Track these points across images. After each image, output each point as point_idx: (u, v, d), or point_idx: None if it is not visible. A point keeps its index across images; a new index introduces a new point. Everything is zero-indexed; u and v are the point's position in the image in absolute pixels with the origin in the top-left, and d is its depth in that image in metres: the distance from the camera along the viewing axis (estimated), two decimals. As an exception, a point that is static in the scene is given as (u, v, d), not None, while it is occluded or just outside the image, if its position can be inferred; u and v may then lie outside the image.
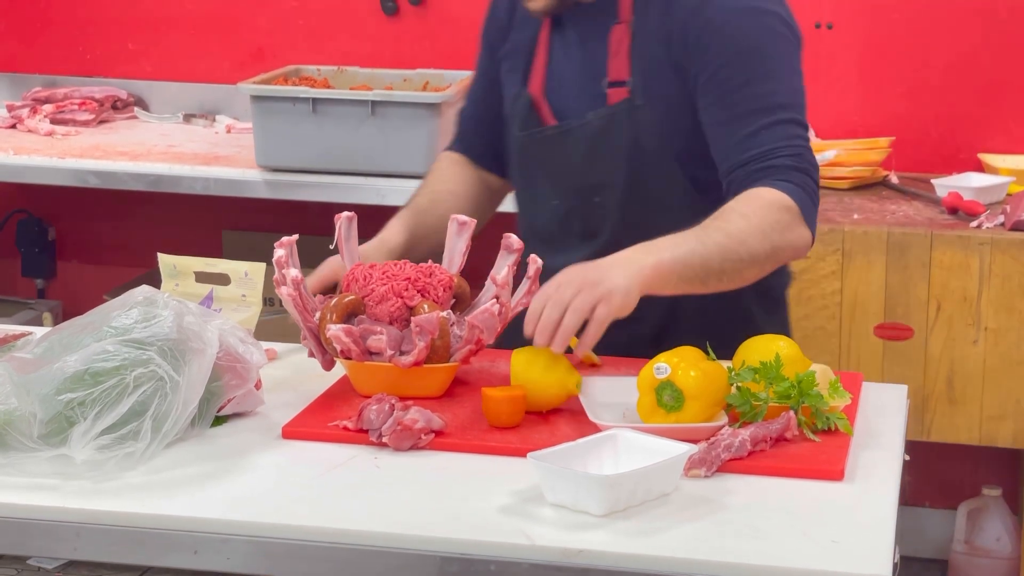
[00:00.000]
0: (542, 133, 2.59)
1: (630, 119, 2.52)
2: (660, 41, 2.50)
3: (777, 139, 2.44)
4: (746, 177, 2.43)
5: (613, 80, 2.53)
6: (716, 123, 2.48)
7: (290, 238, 2.32)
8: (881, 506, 1.97)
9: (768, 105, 2.46)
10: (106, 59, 4.68)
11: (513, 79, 2.65)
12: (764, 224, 2.36)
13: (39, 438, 2.02)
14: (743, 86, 2.46)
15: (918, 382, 3.64)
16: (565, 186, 2.59)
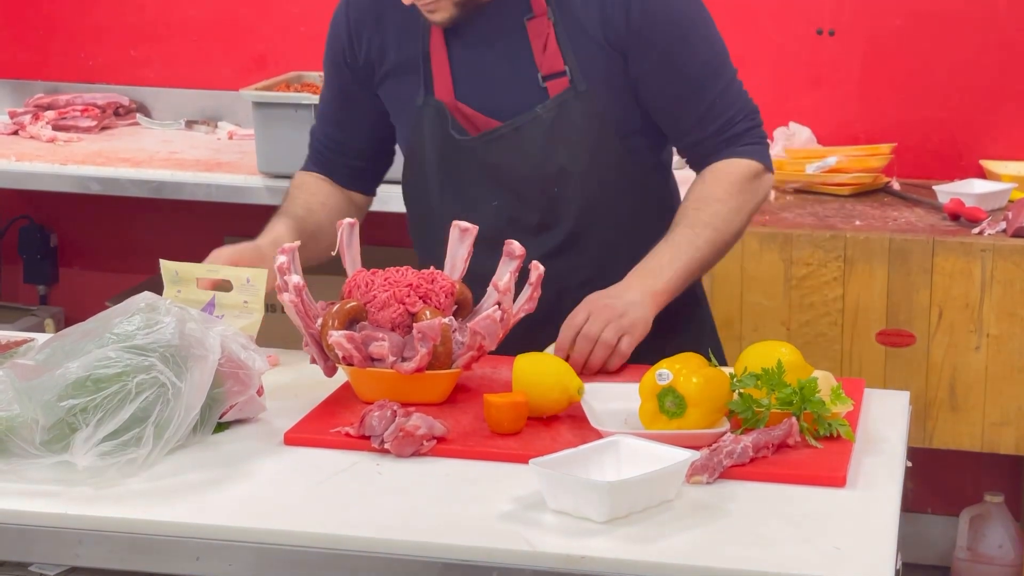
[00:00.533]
0: (491, 135, 2.56)
1: (578, 106, 2.54)
2: (593, 26, 2.52)
3: (732, 104, 2.59)
4: (710, 149, 2.59)
5: (548, 73, 2.53)
6: (669, 99, 2.57)
7: (292, 244, 2.33)
8: (883, 513, 1.97)
9: (714, 71, 2.59)
10: (108, 66, 4.68)
11: (409, 91, 2.61)
12: (740, 200, 2.56)
13: (41, 444, 2.02)
14: (691, 59, 2.56)
15: (920, 388, 3.64)
16: (514, 184, 2.58)
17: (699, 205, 2.54)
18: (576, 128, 2.55)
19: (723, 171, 2.58)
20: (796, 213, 3.80)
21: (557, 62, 2.54)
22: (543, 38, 2.54)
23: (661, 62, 2.54)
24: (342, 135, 2.73)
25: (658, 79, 2.55)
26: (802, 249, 3.65)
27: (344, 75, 2.68)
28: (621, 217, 2.61)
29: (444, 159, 2.61)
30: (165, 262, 2.41)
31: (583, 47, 2.53)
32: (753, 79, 4.26)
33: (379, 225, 3.65)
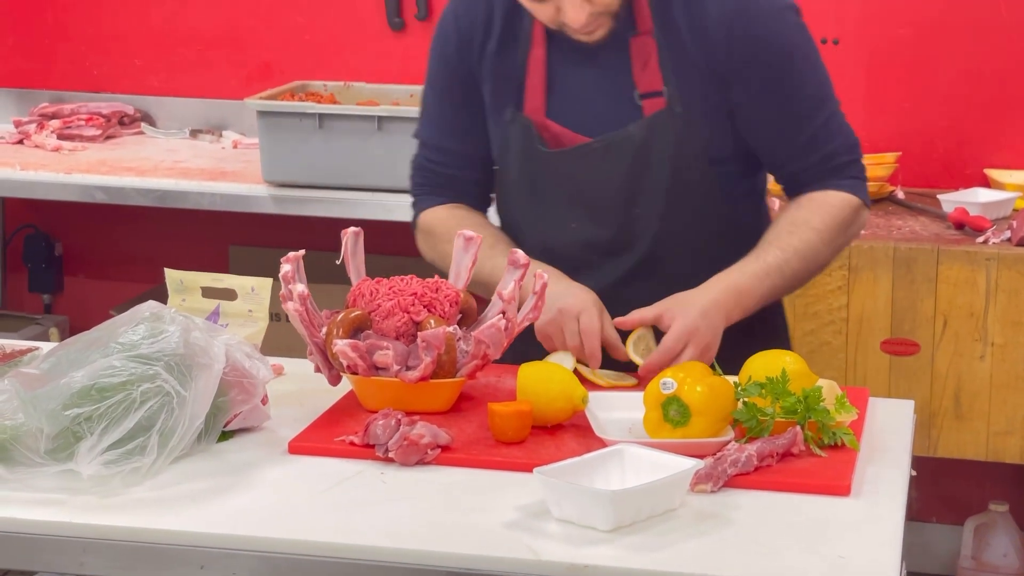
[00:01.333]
0: (579, 151, 2.52)
1: (671, 128, 2.49)
2: (696, 49, 2.48)
3: (832, 137, 2.55)
4: (810, 178, 2.55)
5: (646, 91, 2.50)
6: (772, 129, 2.52)
7: (297, 253, 2.33)
8: (888, 521, 1.97)
9: (818, 102, 2.54)
10: (113, 75, 4.68)
11: (503, 104, 2.57)
12: (833, 232, 2.52)
13: (46, 453, 2.02)
14: (795, 88, 2.52)
15: (925, 397, 3.64)
16: (594, 202, 2.54)
17: (793, 230, 2.49)
18: (667, 150, 2.50)
19: (821, 201, 2.53)
20: (800, 222, 3.80)
21: (656, 81, 2.49)
22: (644, 56, 2.50)
23: (764, 90, 2.49)
24: (464, 145, 2.63)
25: (760, 107, 2.50)
26: (806, 258, 3.65)
27: (462, 79, 2.59)
28: (700, 244, 2.54)
29: (527, 174, 2.57)
30: (170, 271, 2.42)
31: (684, 70, 2.48)
32: (757, 88, 4.28)
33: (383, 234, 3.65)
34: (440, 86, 2.63)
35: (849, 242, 2.59)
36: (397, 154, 3.79)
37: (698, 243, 2.54)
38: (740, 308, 2.43)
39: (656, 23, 2.50)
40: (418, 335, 2.26)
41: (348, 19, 4.54)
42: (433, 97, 2.65)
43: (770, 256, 2.47)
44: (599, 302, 2.42)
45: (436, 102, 2.65)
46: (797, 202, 2.55)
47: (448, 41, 2.60)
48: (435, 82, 2.64)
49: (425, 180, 2.68)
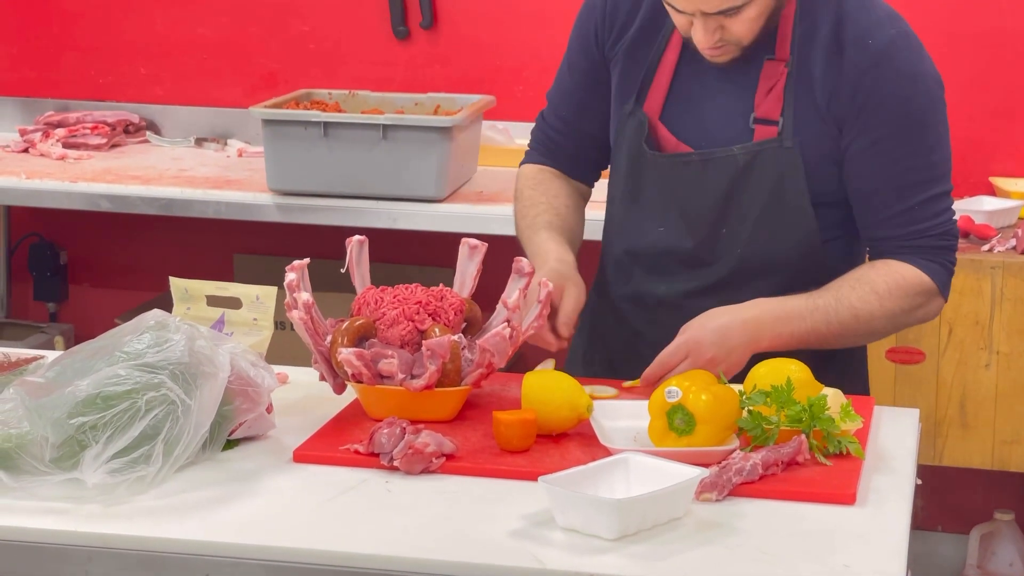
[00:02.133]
0: (679, 159, 2.51)
1: (776, 159, 2.46)
2: (823, 91, 2.44)
3: (931, 216, 2.47)
4: (894, 249, 2.48)
5: (761, 117, 2.47)
6: (871, 189, 2.47)
7: (301, 262, 2.33)
8: (893, 530, 1.96)
9: (927, 179, 2.47)
10: (118, 83, 4.69)
11: (627, 93, 2.57)
12: (896, 307, 2.46)
13: (51, 462, 2.02)
14: (906, 157, 2.45)
15: (930, 406, 3.63)
16: (688, 214, 2.52)
17: (856, 285, 2.44)
18: (767, 179, 2.47)
19: (895, 270, 2.46)
20: (805, 230, 3.80)
21: (775, 109, 2.46)
22: (772, 82, 2.47)
23: (876, 149, 2.44)
24: (580, 119, 2.66)
25: (867, 165, 2.45)
26: (811, 266, 3.65)
27: (592, 56, 2.61)
28: (783, 277, 2.50)
29: (634, 170, 2.57)
30: (175, 279, 2.42)
31: (805, 107, 2.45)
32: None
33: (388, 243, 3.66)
34: (573, 56, 2.66)
35: (912, 323, 2.51)
36: (402, 163, 3.80)
37: (781, 276, 2.49)
38: (772, 336, 2.40)
39: (794, 54, 2.46)
40: (423, 344, 2.26)
41: (353, 27, 4.54)
42: (566, 65, 2.68)
43: (821, 300, 2.43)
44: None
45: (567, 70, 2.68)
46: (874, 264, 2.50)
47: (591, 16, 2.62)
48: (571, 51, 2.67)
49: (536, 139, 2.75)
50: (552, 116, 2.71)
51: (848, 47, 2.43)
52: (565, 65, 2.68)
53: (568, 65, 2.67)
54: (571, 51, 2.66)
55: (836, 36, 2.44)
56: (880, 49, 2.43)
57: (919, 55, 2.47)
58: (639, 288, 2.58)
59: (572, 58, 2.66)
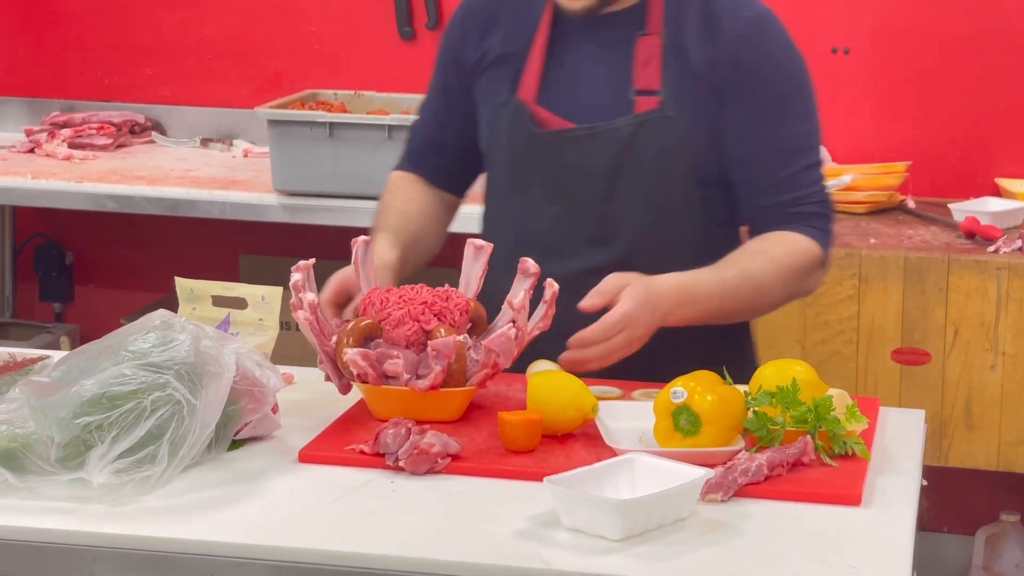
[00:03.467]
0: (564, 134, 2.53)
1: (659, 129, 2.50)
2: (702, 61, 2.49)
3: (811, 183, 2.53)
4: (778, 218, 2.52)
5: (642, 88, 2.51)
6: (756, 155, 2.51)
7: (307, 262, 2.33)
8: (899, 531, 1.96)
9: (806, 145, 2.55)
10: (124, 84, 4.69)
11: (498, 88, 2.60)
12: (789, 273, 2.49)
13: (56, 462, 2.02)
14: (787, 122, 2.51)
15: (935, 407, 3.63)
16: (577, 190, 2.55)
17: (754, 257, 2.47)
18: (651, 150, 2.50)
19: (786, 239, 2.50)
20: (811, 231, 3.80)
21: (654, 80, 2.50)
22: (648, 56, 2.51)
23: (758, 114, 2.49)
24: (440, 134, 2.72)
25: (750, 131, 2.49)
26: (817, 267, 3.65)
27: (449, 72, 2.68)
28: (676, 258, 2.49)
29: (516, 157, 2.59)
30: (180, 279, 2.42)
31: (684, 76, 2.49)
32: (768, 97, 4.27)
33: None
34: (436, 71, 2.72)
35: (801, 294, 2.55)
36: (407, 163, 3.79)
37: (675, 257, 2.49)
38: (682, 314, 2.41)
39: (667, 26, 2.51)
40: (428, 344, 2.26)
41: (358, 28, 4.54)
42: (432, 81, 2.74)
43: (728, 274, 2.45)
44: None
45: (431, 86, 2.74)
46: (762, 235, 2.52)
47: (449, 32, 2.69)
48: (436, 66, 2.73)
49: (406, 150, 2.80)
50: (419, 130, 2.77)
51: (723, 18, 2.49)
52: (431, 85, 2.74)
53: (433, 84, 2.74)
54: (435, 70, 2.73)
55: (707, 9, 2.51)
56: (754, 19, 2.51)
57: (783, 28, 2.56)
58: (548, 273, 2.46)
59: (435, 76, 2.73)
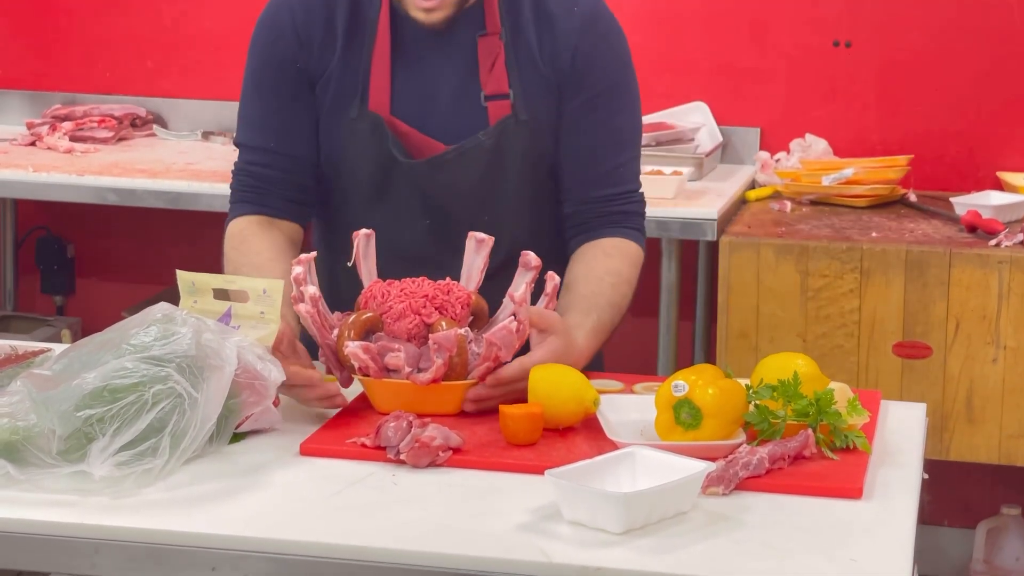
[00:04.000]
0: (435, 161, 2.50)
1: (517, 135, 2.52)
2: (543, 58, 2.51)
3: (632, 179, 2.60)
4: (604, 214, 2.56)
5: (491, 93, 2.51)
6: (581, 148, 2.55)
7: (308, 255, 2.33)
8: (900, 524, 1.96)
9: (631, 139, 2.60)
10: (125, 77, 4.69)
11: (346, 101, 2.51)
12: (632, 287, 2.56)
13: (58, 454, 2.02)
14: (619, 114, 2.57)
15: (937, 401, 3.63)
16: (450, 207, 2.54)
17: (616, 283, 2.51)
18: (515, 158, 2.53)
19: (627, 252, 2.56)
20: (812, 225, 3.80)
21: (502, 84, 2.51)
22: (492, 57, 2.51)
23: (590, 106, 2.53)
24: (286, 143, 2.54)
25: (582, 122, 2.54)
26: (818, 261, 3.65)
27: (291, 83, 2.52)
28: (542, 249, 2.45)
29: (378, 177, 2.53)
30: (182, 272, 2.41)
31: (529, 76, 2.52)
32: (769, 90, 4.28)
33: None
34: (266, 86, 2.55)
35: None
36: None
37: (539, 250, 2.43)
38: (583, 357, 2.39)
39: (505, 26, 2.52)
40: (429, 337, 2.26)
41: (360, 21, 4.54)
42: (257, 99, 2.56)
43: (605, 316, 2.47)
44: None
45: (259, 104, 2.56)
46: (605, 250, 2.55)
47: (279, 40, 2.52)
48: (260, 82, 2.55)
49: (239, 190, 2.60)
50: (252, 154, 2.57)
51: (557, 14, 2.51)
52: (256, 100, 2.56)
53: (261, 97, 2.55)
54: (261, 82, 2.55)
55: (540, 4, 2.52)
56: (588, 13, 2.53)
57: (616, 21, 2.58)
58: None
59: (266, 87, 2.55)
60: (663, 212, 3.72)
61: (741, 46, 4.29)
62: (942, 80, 4.19)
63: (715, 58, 4.31)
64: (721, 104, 4.29)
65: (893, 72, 4.22)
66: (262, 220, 2.57)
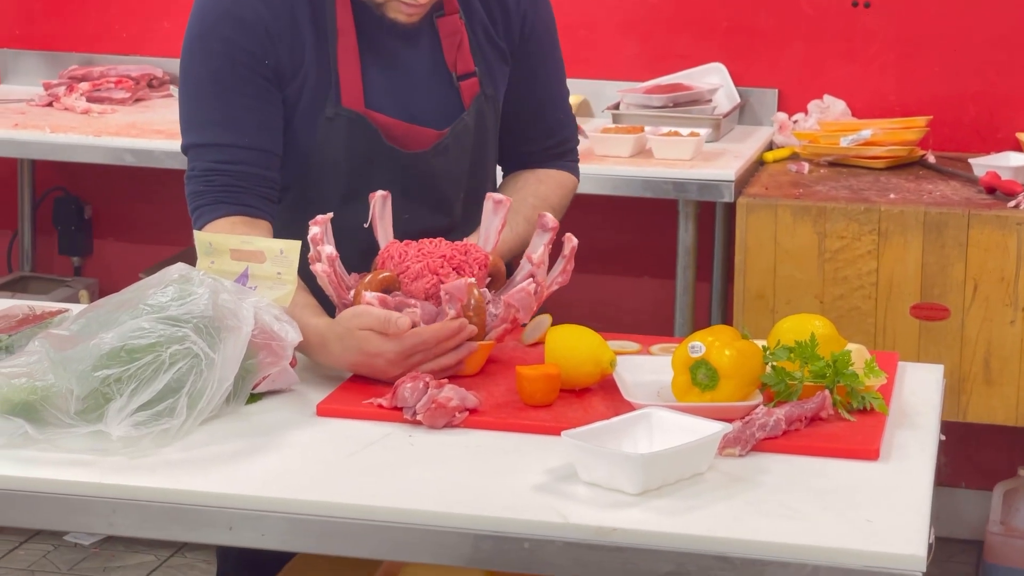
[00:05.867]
0: (435, 150, 2.49)
1: (488, 110, 2.56)
2: (496, 31, 2.54)
3: (570, 122, 2.69)
4: (544, 158, 2.66)
5: (462, 73, 2.52)
6: (534, 103, 2.62)
7: (325, 216, 2.33)
8: (916, 486, 1.96)
9: (564, 85, 2.68)
10: (142, 37, 4.68)
11: (317, 96, 2.44)
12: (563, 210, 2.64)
13: (76, 414, 2.03)
14: (557, 69, 2.66)
15: (954, 363, 3.62)
16: (434, 193, 2.52)
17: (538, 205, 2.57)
18: (489, 132, 2.58)
19: (563, 184, 2.65)
20: (830, 186, 3.79)
21: (469, 63, 2.53)
22: (456, 37, 2.51)
23: (535, 69, 2.60)
24: (271, 143, 2.43)
25: (535, 77, 2.60)
26: (836, 222, 3.64)
27: (258, 75, 2.41)
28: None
29: (360, 172, 2.46)
30: (199, 233, 2.41)
31: (487, 50, 2.55)
32: (787, 51, 4.26)
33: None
34: (233, 82, 2.41)
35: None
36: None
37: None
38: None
39: (461, 3, 2.52)
40: (441, 288, 2.25)
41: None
42: (223, 95, 2.42)
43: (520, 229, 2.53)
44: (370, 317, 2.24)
45: (221, 103, 2.42)
46: (537, 176, 2.63)
47: (247, 34, 2.40)
48: (225, 79, 2.41)
49: (213, 186, 2.42)
50: (222, 153, 2.41)
51: None
52: (217, 94, 2.41)
53: (222, 97, 2.41)
54: (224, 77, 2.40)
55: None
56: None
57: None
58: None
59: (229, 82, 2.40)
60: (680, 174, 3.71)
61: (759, 7, 4.27)
62: (961, 41, 4.17)
63: (733, 19, 4.29)
64: (739, 65, 4.27)
65: (912, 32, 4.20)
66: (246, 220, 2.42)
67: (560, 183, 2.65)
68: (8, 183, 4.77)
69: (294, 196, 2.51)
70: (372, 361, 2.22)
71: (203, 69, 2.43)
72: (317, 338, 2.26)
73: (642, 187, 3.74)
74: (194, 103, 2.46)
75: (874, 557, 1.78)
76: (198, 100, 2.45)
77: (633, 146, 3.82)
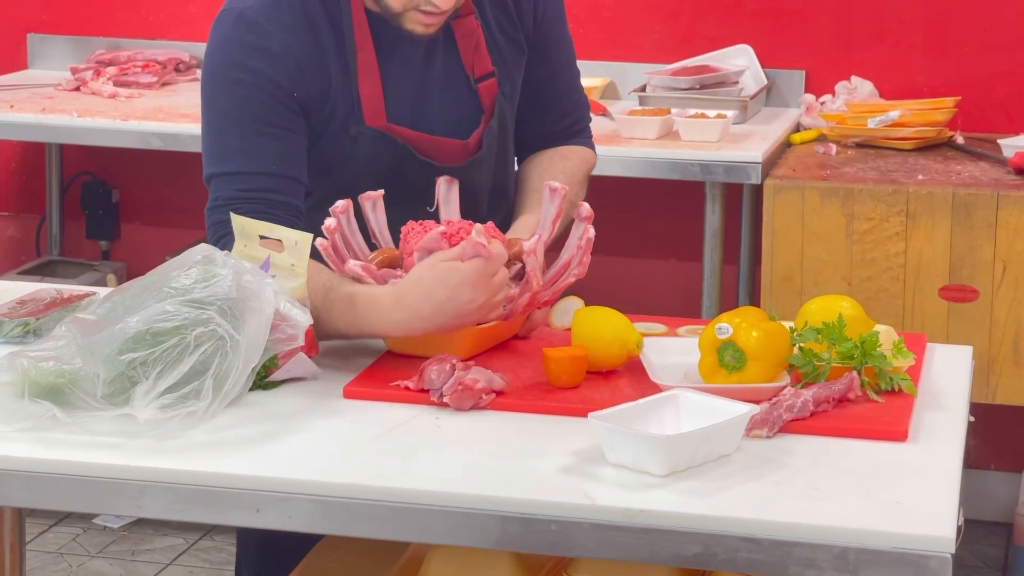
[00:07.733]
0: (472, 164, 2.48)
1: (507, 108, 2.55)
2: (512, 20, 2.53)
3: (584, 101, 2.70)
4: (561, 137, 2.66)
5: (480, 75, 2.50)
6: (549, 85, 2.62)
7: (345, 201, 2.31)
8: (945, 468, 1.95)
9: (576, 67, 2.68)
10: (169, 21, 4.69)
11: (341, 115, 2.41)
12: (584, 187, 2.64)
13: (103, 398, 2.03)
14: (569, 51, 2.66)
15: (983, 344, 3.61)
16: (471, 198, 2.49)
17: (569, 181, 2.55)
18: (508, 130, 2.57)
19: (585, 159, 2.65)
20: (858, 167, 3.77)
21: (486, 63, 2.51)
22: (472, 38, 2.49)
23: (549, 52, 2.59)
24: (292, 172, 2.40)
25: (544, 69, 2.59)
26: (864, 204, 3.62)
27: (285, 107, 2.38)
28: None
29: (389, 185, 2.40)
30: (235, 215, 2.40)
31: (506, 45, 2.53)
32: (815, 32, 4.25)
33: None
34: (254, 115, 2.37)
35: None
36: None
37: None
38: None
39: (475, 3, 2.49)
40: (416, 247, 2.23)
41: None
42: (241, 128, 2.39)
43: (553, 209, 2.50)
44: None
45: (246, 133, 2.39)
46: (561, 153, 2.63)
47: (269, 70, 2.37)
48: (246, 113, 2.38)
49: (244, 215, 2.34)
50: (252, 181, 2.38)
51: None
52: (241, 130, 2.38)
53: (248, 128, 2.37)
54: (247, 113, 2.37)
55: None
56: None
57: None
58: None
59: (255, 117, 2.37)
60: (707, 155, 3.70)
61: (787, -13, 4.25)
62: (990, 21, 4.14)
63: (760, 0, 4.27)
64: (766, 47, 4.25)
65: (940, 13, 4.17)
66: None
67: (584, 159, 2.65)
68: (36, 168, 4.79)
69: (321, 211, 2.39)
70: (457, 293, 2.18)
71: (228, 99, 2.40)
72: (389, 297, 2.21)
73: (669, 169, 3.73)
74: (217, 133, 2.42)
75: (903, 539, 1.78)
76: (222, 130, 2.42)
77: (660, 128, 3.81)
